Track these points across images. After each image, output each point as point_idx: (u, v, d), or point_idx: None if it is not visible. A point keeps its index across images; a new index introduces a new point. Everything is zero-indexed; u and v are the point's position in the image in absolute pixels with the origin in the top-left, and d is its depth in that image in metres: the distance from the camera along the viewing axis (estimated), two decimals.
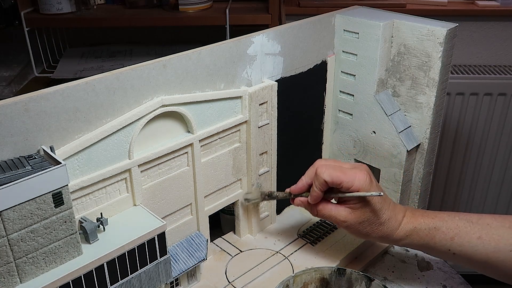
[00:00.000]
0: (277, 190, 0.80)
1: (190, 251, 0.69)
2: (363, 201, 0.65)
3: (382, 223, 0.66)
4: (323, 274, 0.66)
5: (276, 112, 0.75)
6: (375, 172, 0.88)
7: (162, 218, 0.61)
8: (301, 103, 0.82)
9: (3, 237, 0.48)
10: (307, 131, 0.86)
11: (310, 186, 0.68)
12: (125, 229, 0.59)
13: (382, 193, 0.63)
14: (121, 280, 0.57)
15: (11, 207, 0.47)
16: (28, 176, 0.47)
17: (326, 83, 0.85)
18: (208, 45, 0.65)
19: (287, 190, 0.72)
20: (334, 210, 0.67)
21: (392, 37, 0.78)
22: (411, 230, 0.66)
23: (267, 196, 0.76)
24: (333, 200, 0.69)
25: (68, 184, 0.50)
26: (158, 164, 0.64)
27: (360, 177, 0.64)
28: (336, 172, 0.65)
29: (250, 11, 1.23)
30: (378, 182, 0.85)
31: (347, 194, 0.65)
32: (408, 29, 0.75)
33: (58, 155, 0.52)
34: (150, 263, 0.60)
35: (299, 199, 0.70)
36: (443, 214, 0.67)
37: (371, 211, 0.65)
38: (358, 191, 0.64)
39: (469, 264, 0.66)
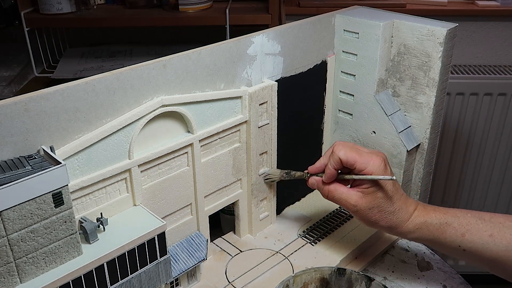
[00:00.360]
0: (294, 169, 0.79)
1: (190, 251, 0.69)
2: (376, 186, 0.65)
3: (392, 212, 0.65)
4: (323, 274, 0.66)
5: (276, 112, 0.75)
6: None
7: (162, 218, 0.61)
8: (301, 103, 0.82)
9: (3, 237, 0.48)
10: (307, 131, 0.86)
11: (326, 166, 0.68)
12: (125, 229, 0.59)
13: (394, 177, 0.63)
14: (121, 280, 0.57)
15: (11, 207, 0.47)
16: (28, 176, 0.47)
17: (326, 83, 0.85)
18: (208, 45, 0.65)
19: (306, 170, 0.72)
20: (346, 193, 0.67)
21: (392, 37, 0.78)
22: (421, 223, 0.66)
23: (286, 174, 0.77)
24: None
25: (68, 184, 0.50)
26: (158, 164, 0.64)
27: (375, 161, 0.64)
28: (352, 152, 0.65)
29: (250, 11, 1.23)
30: None
31: (360, 177, 0.65)
32: (408, 29, 0.75)
33: (58, 155, 0.52)
34: (150, 263, 0.60)
35: (313, 178, 0.71)
36: (455, 210, 0.66)
37: (382, 197, 0.65)
38: (371, 175, 0.64)
39: (478, 261, 0.65)
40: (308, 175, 0.72)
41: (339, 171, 0.68)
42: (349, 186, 0.68)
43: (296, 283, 0.64)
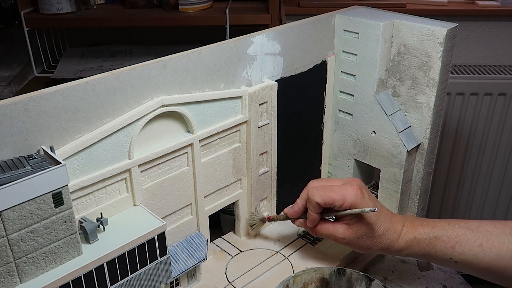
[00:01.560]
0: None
1: (190, 251, 0.69)
2: (358, 217, 0.65)
3: (380, 235, 0.66)
4: (323, 274, 0.66)
5: (276, 112, 0.75)
6: (375, 172, 0.88)
7: (162, 218, 0.61)
8: (301, 103, 0.82)
9: (3, 237, 0.48)
10: (307, 131, 0.86)
11: (305, 208, 0.69)
12: (125, 229, 0.59)
13: (376, 209, 0.63)
14: (121, 280, 0.57)
15: (11, 207, 0.47)
16: (28, 176, 0.47)
17: (326, 83, 0.85)
18: (208, 45, 0.65)
19: (284, 211, 0.73)
20: (332, 229, 0.67)
21: (392, 37, 0.78)
22: (411, 240, 0.66)
23: (269, 220, 0.78)
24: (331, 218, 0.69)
25: (68, 184, 0.50)
26: (158, 164, 0.64)
27: (350, 193, 0.65)
28: (326, 192, 0.65)
29: (250, 11, 1.23)
30: (378, 182, 0.85)
31: (341, 212, 0.66)
32: (408, 29, 0.75)
33: (58, 155, 0.52)
34: (150, 263, 0.60)
35: (299, 221, 0.71)
36: (443, 222, 0.67)
37: (367, 225, 0.65)
38: (351, 207, 0.65)
39: (471, 271, 0.66)
40: (290, 218, 0.72)
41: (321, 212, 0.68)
42: (333, 218, 0.69)
43: (296, 283, 0.64)
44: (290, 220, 0.73)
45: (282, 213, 0.74)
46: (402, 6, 1.42)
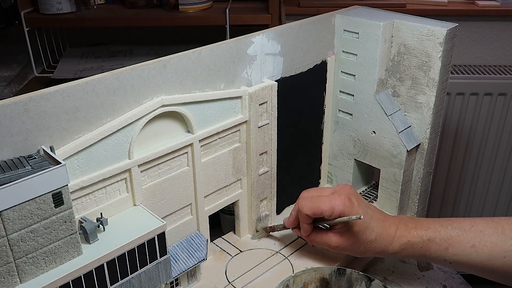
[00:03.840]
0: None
1: (190, 251, 0.69)
2: (348, 225, 0.67)
3: (373, 241, 0.67)
4: (323, 274, 0.66)
5: (276, 112, 0.75)
6: (375, 172, 0.88)
7: (162, 218, 0.61)
8: (301, 103, 0.82)
9: (3, 237, 0.48)
10: (307, 131, 0.86)
11: (298, 218, 0.71)
12: (125, 229, 0.59)
13: (361, 216, 0.64)
14: (121, 280, 0.57)
15: (11, 207, 0.47)
16: (28, 176, 0.47)
17: (326, 83, 0.85)
18: (208, 45, 0.65)
19: (284, 221, 0.75)
20: (325, 237, 0.69)
21: (392, 37, 0.78)
22: (405, 243, 0.67)
23: (272, 230, 0.80)
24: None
25: (68, 184, 0.50)
26: (158, 164, 0.64)
27: (338, 203, 0.65)
28: (314, 203, 0.67)
29: (250, 11, 1.23)
30: (378, 182, 0.85)
31: (331, 221, 0.67)
32: (408, 29, 0.75)
33: (58, 155, 0.52)
34: (150, 263, 0.60)
35: (295, 230, 0.74)
36: (436, 224, 0.67)
37: (358, 232, 0.66)
38: (340, 216, 0.66)
39: (466, 270, 0.66)
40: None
41: (313, 221, 0.70)
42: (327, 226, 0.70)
43: (296, 283, 0.64)
44: (290, 229, 0.75)
45: (281, 223, 0.77)
46: (402, 6, 1.42)
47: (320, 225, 0.70)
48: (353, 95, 0.83)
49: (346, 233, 0.67)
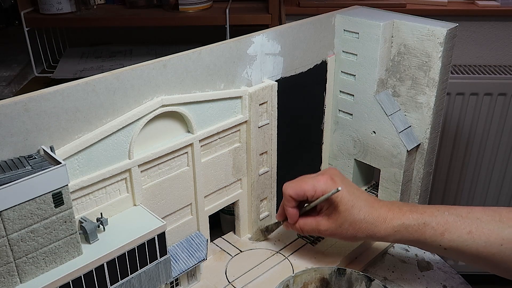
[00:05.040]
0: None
1: (190, 251, 0.69)
2: (332, 205, 0.66)
3: (361, 221, 0.65)
4: (323, 274, 0.66)
5: (276, 112, 0.75)
6: (375, 172, 0.88)
7: (162, 218, 0.61)
8: (301, 103, 0.82)
9: (3, 237, 0.48)
10: (307, 131, 0.86)
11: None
12: (125, 229, 0.59)
13: (339, 188, 0.63)
14: (121, 280, 0.57)
15: (11, 207, 0.47)
16: (28, 176, 0.47)
17: (326, 83, 0.85)
18: (208, 45, 0.65)
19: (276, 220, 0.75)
20: (314, 223, 0.68)
21: (392, 37, 0.78)
22: (399, 225, 0.65)
23: (266, 231, 0.79)
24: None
25: (68, 184, 0.50)
26: (158, 164, 0.64)
27: (320, 182, 0.65)
28: (297, 184, 0.67)
29: (250, 11, 1.23)
30: (378, 182, 0.85)
31: (313, 203, 0.67)
32: (408, 29, 0.75)
33: (58, 155, 0.52)
34: (150, 263, 0.60)
35: (285, 223, 0.72)
36: (433, 208, 0.66)
37: (345, 211, 0.65)
38: (323, 195, 0.65)
39: (460, 258, 0.65)
40: (281, 222, 0.74)
41: (299, 207, 0.69)
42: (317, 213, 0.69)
43: (296, 283, 0.64)
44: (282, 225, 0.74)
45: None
46: (402, 6, 1.42)
47: (306, 209, 0.69)
48: (353, 95, 0.83)
49: (333, 214, 0.66)
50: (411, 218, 0.65)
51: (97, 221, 0.57)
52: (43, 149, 0.52)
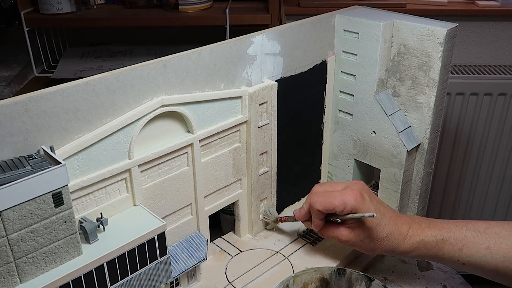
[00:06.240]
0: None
1: (190, 251, 0.69)
2: (360, 221, 0.66)
3: (383, 238, 0.66)
4: (323, 274, 0.66)
5: (276, 112, 0.75)
6: (375, 172, 0.88)
7: (162, 218, 0.61)
8: (301, 103, 0.82)
9: (3, 237, 0.48)
10: (307, 131, 0.86)
11: (310, 212, 0.70)
12: (125, 229, 0.59)
13: (374, 214, 0.64)
14: (121, 280, 0.57)
15: (11, 207, 0.47)
16: (28, 176, 0.47)
17: (326, 83, 0.85)
18: (208, 45, 0.65)
19: (294, 212, 0.74)
20: (336, 231, 0.68)
21: (392, 37, 0.78)
22: (418, 242, 0.66)
23: (282, 221, 0.80)
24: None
25: (68, 184, 0.50)
26: (158, 164, 0.64)
27: (350, 198, 0.65)
28: (326, 199, 0.66)
29: (250, 11, 1.23)
30: (378, 182, 0.85)
31: (343, 217, 0.67)
32: (408, 29, 0.75)
33: (58, 155, 0.52)
34: (150, 263, 0.60)
35: (307, 223, 0.73)
36: (451, 224, 0.66)
37: (369, 229, 0.66)
38: (352, 211, 0.65)
39: (479, 272, 0.65)
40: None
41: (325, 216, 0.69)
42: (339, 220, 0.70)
43: (296, 283, 0.64)
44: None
45: (292, 214, 0.76)
46: (402, 6, 1.42)
47: (331, 219, 0.69)
48: (353, 95, 0.83)
49: (357, 229, 0.66)
50: (429, 235, 0.66)
51: (97, 221, 0.57)
52: (43, 149, 0.52)
